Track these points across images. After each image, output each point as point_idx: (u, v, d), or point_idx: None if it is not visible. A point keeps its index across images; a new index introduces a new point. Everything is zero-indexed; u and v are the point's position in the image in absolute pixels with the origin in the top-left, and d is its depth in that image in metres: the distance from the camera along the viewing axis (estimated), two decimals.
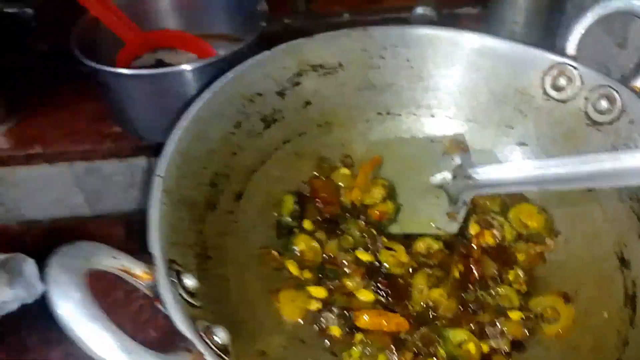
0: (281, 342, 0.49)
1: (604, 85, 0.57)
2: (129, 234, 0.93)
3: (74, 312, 0.29)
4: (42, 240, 0.94)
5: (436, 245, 0.58)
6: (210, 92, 0.55)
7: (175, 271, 0.40)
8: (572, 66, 0.59)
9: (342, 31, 0.64)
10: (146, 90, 0.72)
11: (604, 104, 0.57)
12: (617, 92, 0.56)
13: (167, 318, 0.36)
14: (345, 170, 0.66)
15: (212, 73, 0.66)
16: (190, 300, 0.39)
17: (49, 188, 0.84)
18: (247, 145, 0.59)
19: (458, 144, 0.63)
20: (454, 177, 0.61)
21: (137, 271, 0.37)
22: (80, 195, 0.87)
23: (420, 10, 0.97)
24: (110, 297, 0.65)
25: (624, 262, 0.52)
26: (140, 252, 0.39)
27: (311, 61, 0.64)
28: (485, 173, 0.58)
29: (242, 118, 0.59)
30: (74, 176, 0.83)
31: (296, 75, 0.63)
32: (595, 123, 0.58)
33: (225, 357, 0.36)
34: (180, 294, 0.38)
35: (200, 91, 0.55)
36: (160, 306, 0.37)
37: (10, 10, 0.80)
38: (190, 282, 0.40)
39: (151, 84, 0.71)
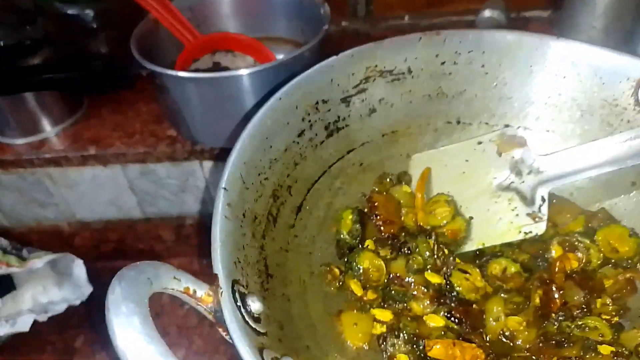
0: None
1: None
2: (179, 237, 0.92)
3: (133, 344, 0.26)
4: (92, 242, 0.94)
5: (513, 268, 0.53)
6: (276, 99, 0.52)
7: (239, 294, 0.36)
8: None
9: (413, 35, 0.60)
10: (204, 94, 0.71)
11: None
12: None
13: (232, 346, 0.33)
14: (406, 188, 0.62)
15: (270, 78, 0.64)
16: (255, 326, 0.36)
17: (102, 189, 0.84)
18: (309, 154, 0.56)
19: (512, 139, 0.57)
20: (518, 174, 0.56)
21: (200, 293, 0.34)
22: (133, 198, 0.87)
23: (487, 12, 0.91)
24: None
25: None
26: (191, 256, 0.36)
27: (379, 67, 0.60)
28: (554, 162, 0.52)
29: (306, 126, 0.56)
30: (128, 178, 0.82)
31: (363, 81, 0.60)
32: None
33: None
34: (245, 320, 0.35)
35: (262, 97, 0.52)
36: (224, 333, 0.34)
37: (71, 11, 0.79)
38: (255, 305, 0.37)
39: (209, 88, 0.69)
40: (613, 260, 0.54)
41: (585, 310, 0.50)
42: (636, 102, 0.56)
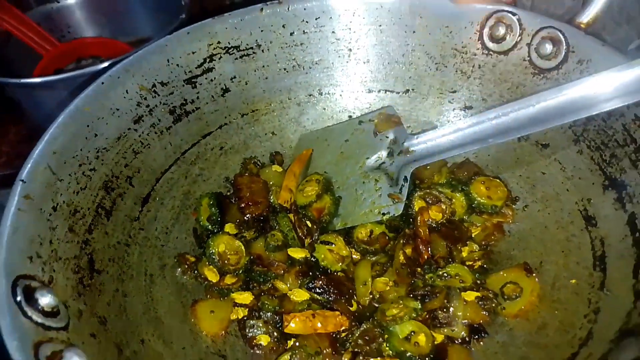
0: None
1: (546, 26, 0.51)
2: None
3: None
4: None
5: (378, 229, 0.51)
6: (97, 84, 0.48)
7: (25, 289, 0.32)
8: (510, 12, 0.53)
9: (255, 6, 0.58)
10: (59, 101, 0.65)
11: (548, 47, 0.50)
12: (561, 32, 0.49)
13: None
14: (277, 168, 0.59)
15: None
16: (43, 321, 0.31)
17: None
18: (153, 141, 0.52)
19: (388, 118, 0.56)
20: (390, 154, 0.54)
21: None
22: None
23: None
24: None
25: (589, 220, 0.45)
26: None
27: (223, 43, 0.57)
28: (422, 142, 0.51)
29: (144, 112, 0.52)
30: None
31: (207, 60, 0.56)
32: (542, 71, 0.51)
33: None
34: (26, 315, 0.30)
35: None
36: None
37: None
38: (46, 299, 0.33)
39: (61, 93, 0.64)
40: (479, 207, 0.52)
41: (450, 260, 0.48)
42: (483, 46, 0.56)
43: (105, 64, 0.59)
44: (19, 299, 0.31)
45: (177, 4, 0.74)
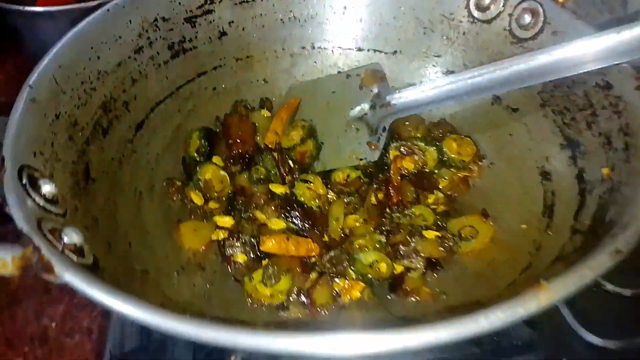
0: (173, 267, 0.45)
1: None
2: None
3: None
4: None
5: (354, 174, 0.55)
6: (103, 11, 0.51)
7: (29, 176, 0.35)
8: None
9: None
10: (61, 32, 0.68)
11: (527, 18, 0.54)
12: (540, 4, 0.53)
13: None
14: (265, 112, 0.62)
15: None
16: (45, 204, 0.35)
17: None
18: (151, 73, 0.55)
19: (375, 74, 0.59)
20: (372, 107, 0.57)
21: None
22: None
23: None
24: None
25: (545, 176, 0.49)
26: None
27: None
28: (402, 97, 0.54)
29: (144, 43, 0.55)
30: None
31: (208, 1, 0.59)
32: (520, 40, 0.55)
33: (71, 255, 0.32)
34: (30, 195, 0.34)
35: None
36: (7, 210, 0.33)
37: None
38: (48, 187, 0.36)
39: (63, 24, 0.66)
40: (448, 161, 0.56)
41: (415, 204, 0.52)
42: (469, 14, 0.59)
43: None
44: (24, 182, 0.35)
45: None
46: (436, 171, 0.56)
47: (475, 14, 0.58)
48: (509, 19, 0.56)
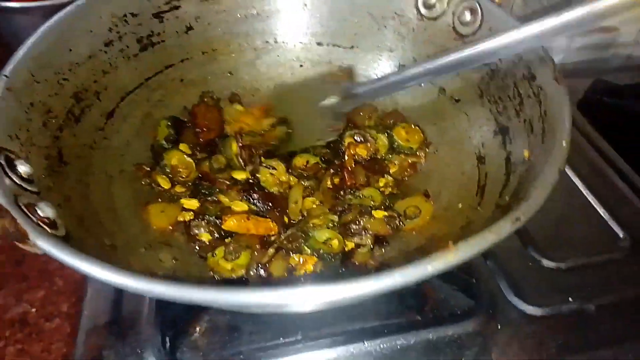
0: (141, 243, 0.50)
1: None
2: None
3: None
4: None
5: (313, 160, 0.59)
6: (76, 5, 0.54)
7: (6, 158, 0.39)
8: None
9: None
10: (34, 24, 0.71)
11: (468, 15, 0.59)
12: (478, 3, 0.58)
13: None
14: (238, 106, 0.66)
15: None
16: (21, 183, 0.39)
17: None
18: (121, 65, 0.59)
19: (344, 71, 0.66)
20: (343, 99, 0.62)
21: None
22: None
23: None
24: None
25: (480, 160, 0.55)
26: None
27: None
28: (364, 88, 0.59)
29: (114, 37, 0.58)
30: None
31: None
32: (461, 36, 0.60)
33: (45, 227, 0.36)
34: (7, 174, 0.38)
35: None
36: None
37: None
38: (24, 168, 0.40)
39: (39, 20, 0.69)
40: (398, 148, 0.61)
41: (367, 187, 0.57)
42: (417, 11, 0.64)
43: None
44: (1, 161, 0.38)
45: None
46: (388, 157, 0.61)
47: (423, 11, 0.63)
48: (452, 17, 0.61)
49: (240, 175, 0.57)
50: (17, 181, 0.39)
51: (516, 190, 0.44)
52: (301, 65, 0.71)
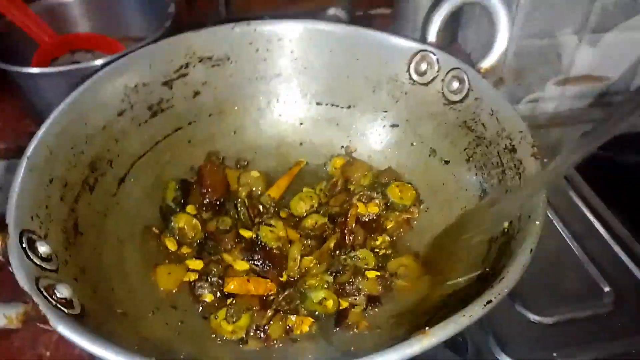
0: (149, 307, 0.53)
1: (455, 67, 0.63)
2: None
3: None
4: None
5: (321, 220, 0.63)
6: (90, 81, 0.59)
7: (28, 239, 0.43)
8: (432, 52, 0.65)
9: (227, 25, 0.69)
10: (55, 88, 0.76)
11: (455, 84, 0.63)
12: (465, 73, 0.62)
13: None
14: (255, 173, 0.70)
15: None
16: (40, 263, 0.43)
17: None
18: (132, 132, 0.64)
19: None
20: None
21: None
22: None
23: (332, 11, 1.03)
24: None
25: None
26: None
27: (198, 54, 0.68)
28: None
29: (126, 106, 0.63)
30: None
31: (183, 67, 0.68)
32: (450, 102, 0.64)
33: (63, 308, 0.40)
34: (29, 257, 0.42)
35: None
36: (10, 268, 0.41)
37: None
38: (43, 248, 0.44)
39: (58, 82, 0.75)
40: (393, 205, 0.65)
41: (364, 247, 0.61)
42: (410, 77, 0.68)
43: (99, 62, 0.69)
44: (24, 245, 0.43)
45: (164, 10, 0.84)
46: (384, 214, 0.65)
47: (415, 77, 0.67)
48: (441, 84, 0.65)
49: (247, 233, 0.61)
50: (37, 262, 0.43)
51: (495, 263, 0.47)
52: (301, 124, 0.75)
